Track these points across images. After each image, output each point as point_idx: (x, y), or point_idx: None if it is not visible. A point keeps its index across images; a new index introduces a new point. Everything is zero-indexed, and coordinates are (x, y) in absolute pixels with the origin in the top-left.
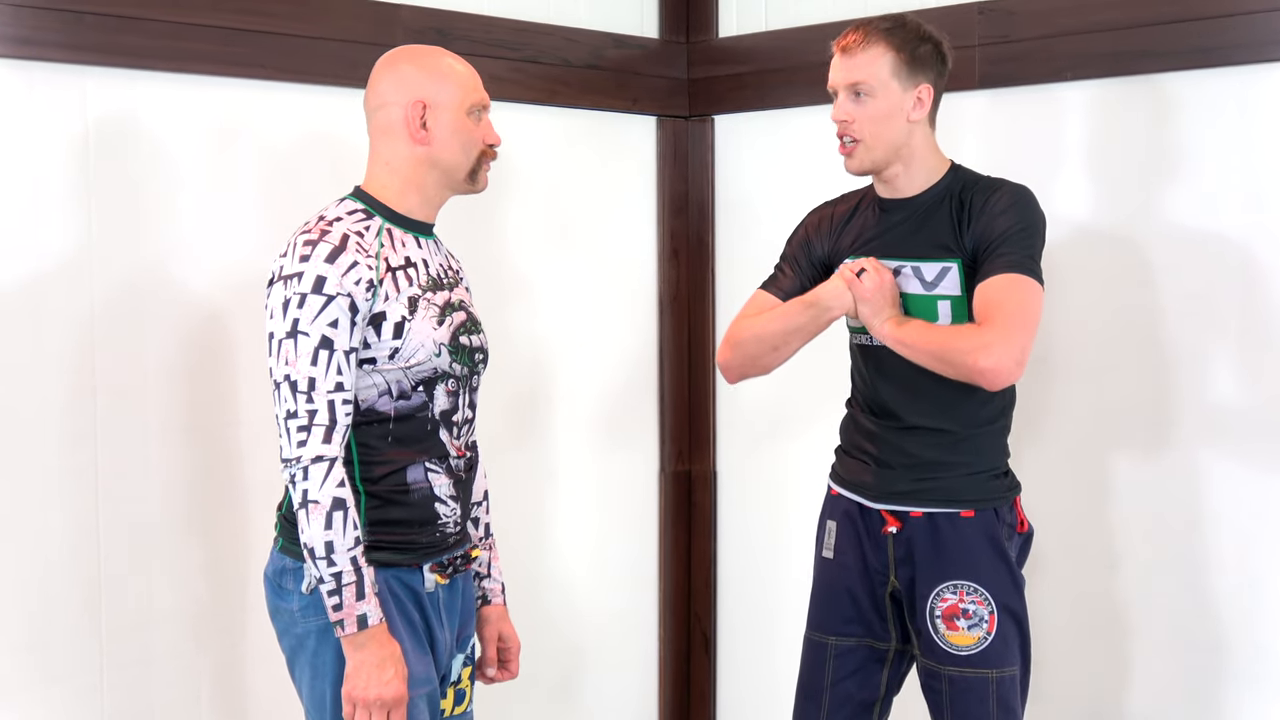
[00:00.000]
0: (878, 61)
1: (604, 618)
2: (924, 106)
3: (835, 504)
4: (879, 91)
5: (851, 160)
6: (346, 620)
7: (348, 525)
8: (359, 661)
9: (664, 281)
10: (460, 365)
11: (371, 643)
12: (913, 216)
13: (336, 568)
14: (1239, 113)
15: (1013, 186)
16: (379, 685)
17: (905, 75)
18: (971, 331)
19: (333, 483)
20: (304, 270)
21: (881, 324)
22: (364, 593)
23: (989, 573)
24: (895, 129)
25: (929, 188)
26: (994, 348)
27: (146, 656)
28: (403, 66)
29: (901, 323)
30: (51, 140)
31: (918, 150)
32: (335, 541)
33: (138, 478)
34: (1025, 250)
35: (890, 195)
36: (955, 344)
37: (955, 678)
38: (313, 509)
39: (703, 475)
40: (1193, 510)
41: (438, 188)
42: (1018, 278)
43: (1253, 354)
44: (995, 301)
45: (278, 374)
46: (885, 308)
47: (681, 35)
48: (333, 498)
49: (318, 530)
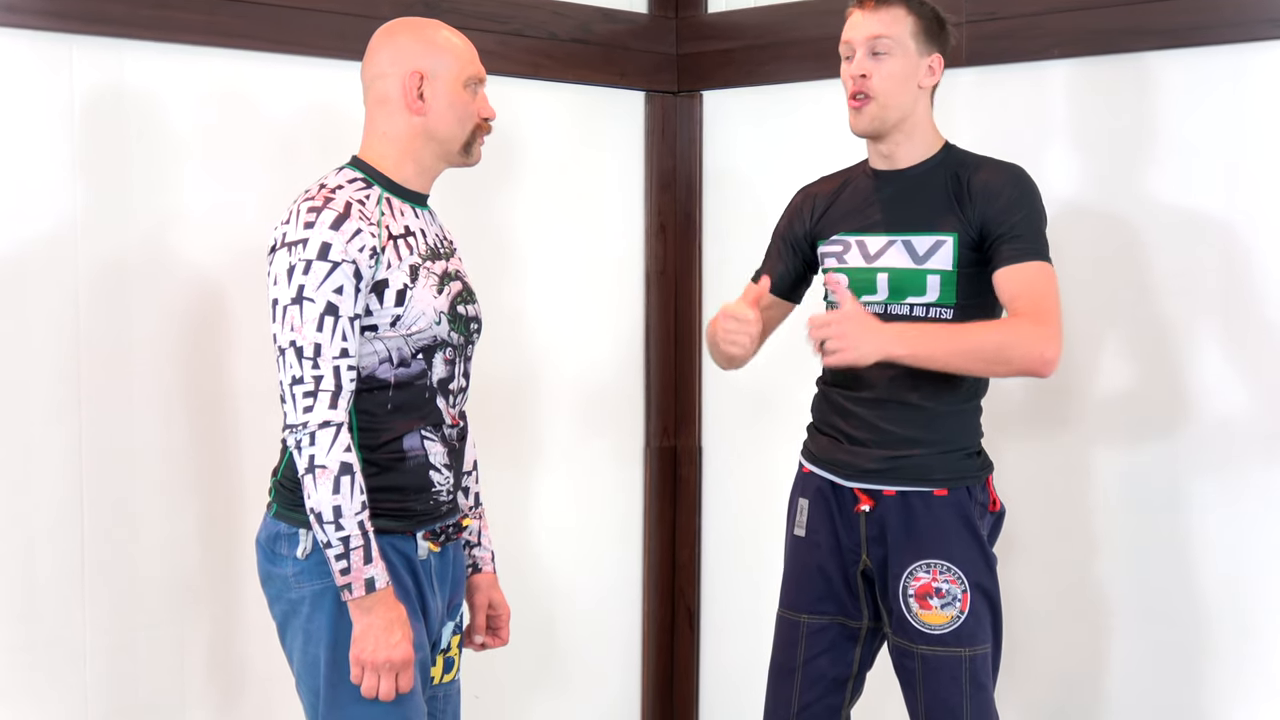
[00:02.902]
0: (900, 21)
1: (588, 592)
2: (934, 75)
3: (807, 481)
4: (897, 50)
5: (859, 117)
6: (355, 584)
7: (355, 490)
8: (367, 625)
9: (651, 257)
10: (458, 334)
11: (379, 606)
12: (906, 189)
13: (344, 532)
14: (1226, 91)
15: (1011, 167)
16: (387, 648)
17: (923, 41)
18: (1026, 326)
19: (340, 448)
20: (309, 237)
21: (883, 351)
22: (371, 556)
23: (962, 552)
24: (907, 92)
25: (922, 161)
26: (1055, 339)
27: (131, 625)
28: (401, 38)
29: (904, 336)
30: (37, 109)
31: (920, 121)
32: (343, 506)
33: (124, 450)
34: (1039, 236)
35: (885, 167)
36: (1018, 340)
37: (928, 656)
38: (320, 474)
39: (688, 451)
40: (1173, 490)
41: (433, 159)
42: (1043, 266)
43: (1236, 334)
44: (1036, 292)
45: (283, 340)
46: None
47: (670, 10)
48: (340, 462)
49: (325, 495)
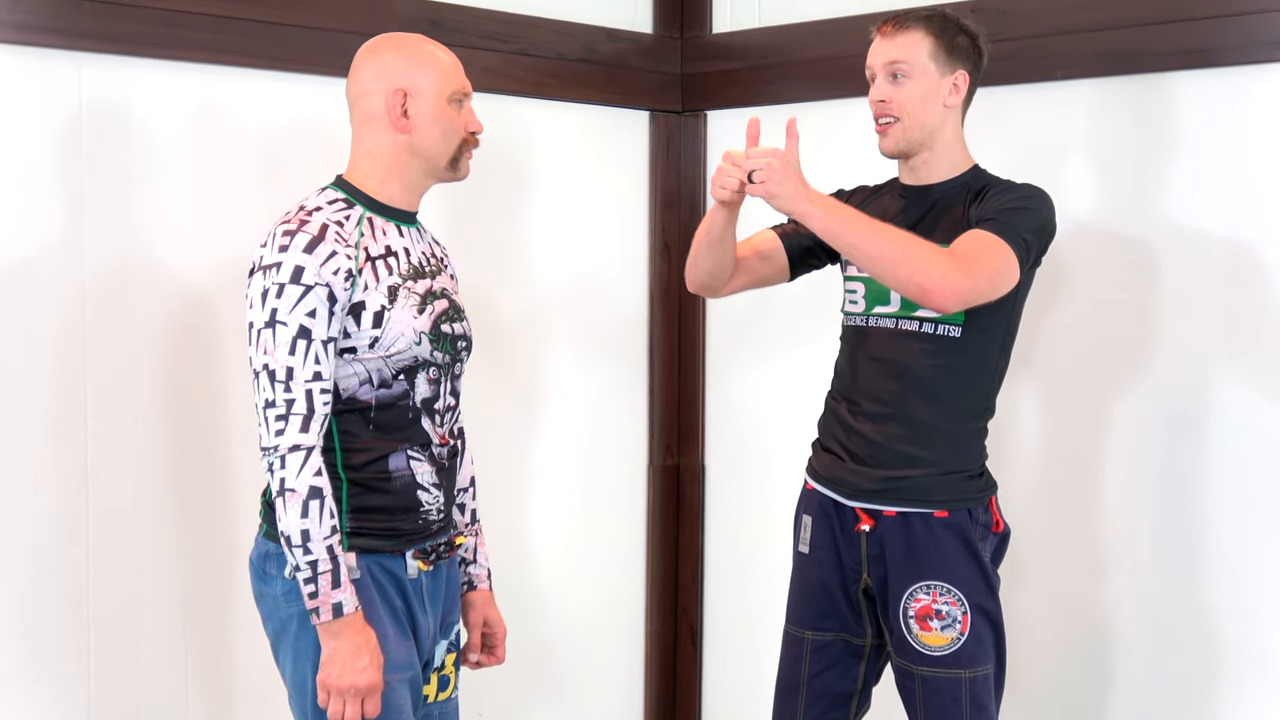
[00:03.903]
0: (917, 45)
1: (591, 610)
2: (959, 93)
3: (810, 498)
4: (916, 73)
5: (886, 140)
6: (322, 608)
7: (324, 514)
8: (334, 649)
9: (654, 276)
10: (442, 353)
11: (347, 630)
12: (929, 205)
13: (312, 556)
14: (1230, 114)
15: (1031, 185)
16: (353, 673)
17: (943, 60)
18: (941, 256)
19: (309, 471)
20: (282, 260)
21: (803, 200)
22: (339, 581)
23: (962, 573)
24: (931, 112)
25: (949, 179)
26: (962, 281)
27: (133, 640)
28: (384, 54)
29: (824, 200)
30: (46, 125)
31: (948, 140)
32: (311, 530)
33: (126, 462)
34: (1017, 228)
35: (913, 182)
36: (922, 260)
37: (928, 678)
38: (289, 497)
39: (691, 469)
40: (1181, 512)
41: (419, 175)
42: (999, 240)
43: (1246, 354)
44: (976, 247)
45: (256, 363)
46: (792, 184)
47: (675, 30)
48: (309, 486)
49: (294, 518)
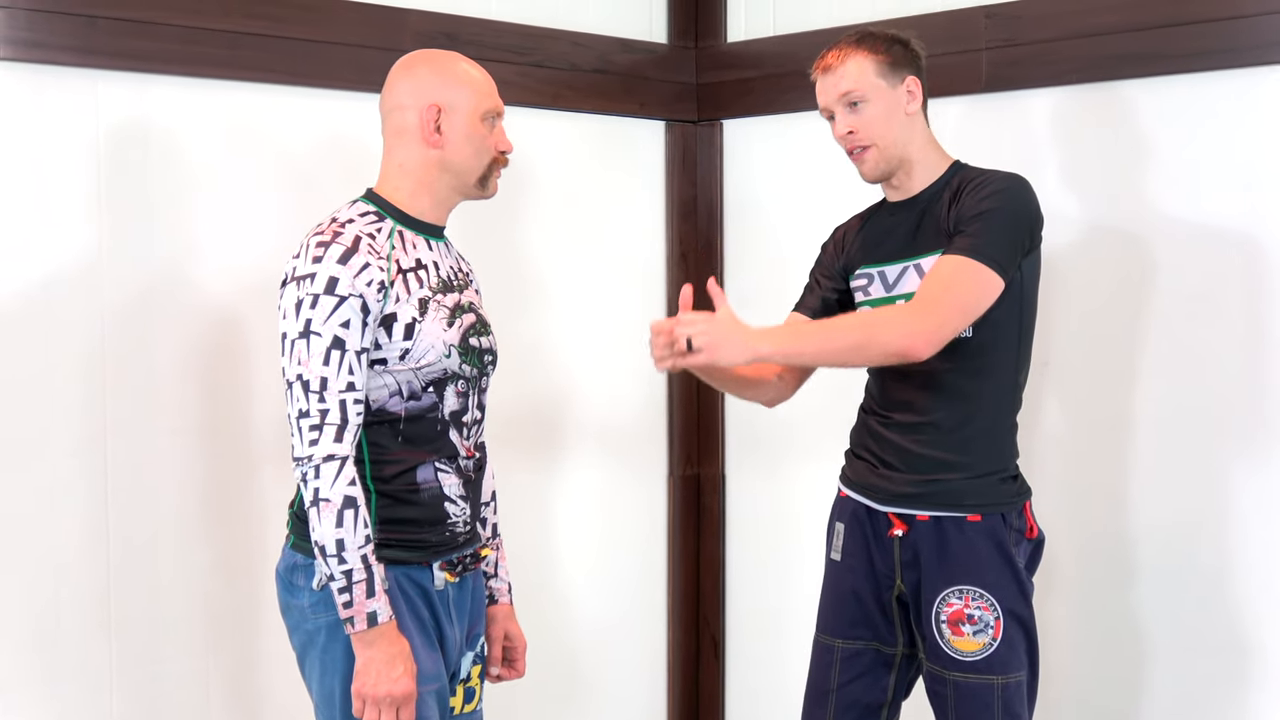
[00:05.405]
0: (862, 68)
1: (612, 621)
2: (916, 98)
3: (843, 505)
4: (871, 94)
5: (865, 165)
6: (356, 618)
7: (358, 523)
8: (368, 658)
9: (672, 285)
10: (470, 366)
11: (381, 640)
12: (916, 214)
13: (347, 565)
14: (1242, 115)
15: (1005, 175)
16: (388, 682)
17: (889, 74)
18: (893, 316)
19: (344, 481)
20: (317, 271)
21: (750, 350)
22: (374, 590)
23: (995, 578)
24: (897, 125)
25: (930, 184)
26: (925, 328)
27: (157, 657)
28: (419, 70)
29: (771, 335)
30: (64, 143)
31: (922, 147)
32: (346, 539)
33: (149, 479)
34: (989, 235)
35: (899, 198)
36: (876, 334)
37: (960, 683)
38: (324, 507)
39: (711, 479)
40: (1214, 518)
41: (449, 191)
42: (967, 262)
43: (1258, 355)
44: (940, 283)
45: (290, 374)
46: (733, 341)
47: (690, 40)
48: (344, 496)
49: (329, 528)
